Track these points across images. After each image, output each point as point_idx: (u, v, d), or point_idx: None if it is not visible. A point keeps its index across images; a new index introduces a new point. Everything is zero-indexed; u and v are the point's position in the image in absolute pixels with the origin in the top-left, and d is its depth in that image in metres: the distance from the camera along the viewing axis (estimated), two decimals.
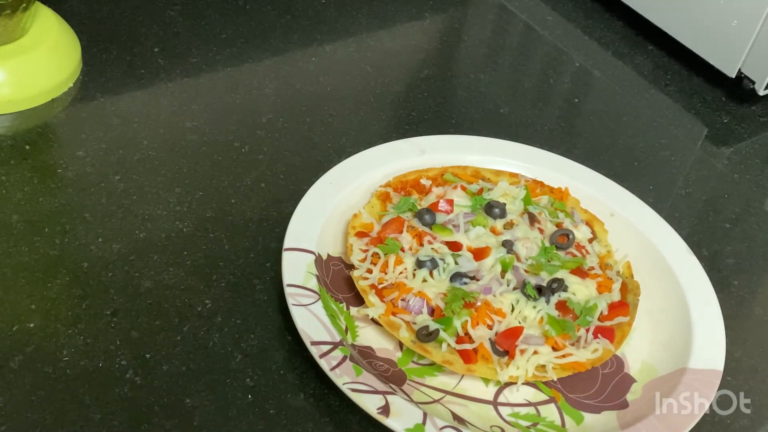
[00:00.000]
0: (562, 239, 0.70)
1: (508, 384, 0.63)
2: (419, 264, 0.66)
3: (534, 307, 0.64)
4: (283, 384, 0.61)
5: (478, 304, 0.64)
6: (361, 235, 0.69)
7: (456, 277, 0.65)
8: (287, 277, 0.64)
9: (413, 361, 0.64)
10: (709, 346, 0.66)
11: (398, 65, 0.93)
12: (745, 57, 0.91)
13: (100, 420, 0.57)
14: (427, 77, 0.92)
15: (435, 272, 0.66)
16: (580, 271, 0.68)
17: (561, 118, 0.93)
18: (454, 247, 0.68)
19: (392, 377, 0.62)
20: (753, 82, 0.92)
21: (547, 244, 0.69)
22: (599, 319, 0.65)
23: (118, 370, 0.60)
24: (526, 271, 0.67)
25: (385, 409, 0.57)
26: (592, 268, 0.69)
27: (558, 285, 0.66)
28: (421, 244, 0.67)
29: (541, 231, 0.70)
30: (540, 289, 0.65)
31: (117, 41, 0.87)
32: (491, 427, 0.60)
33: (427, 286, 0.65)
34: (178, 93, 0.83)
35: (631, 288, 0.69)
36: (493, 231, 0.70)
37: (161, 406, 0.58)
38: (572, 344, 0.63)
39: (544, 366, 0.62)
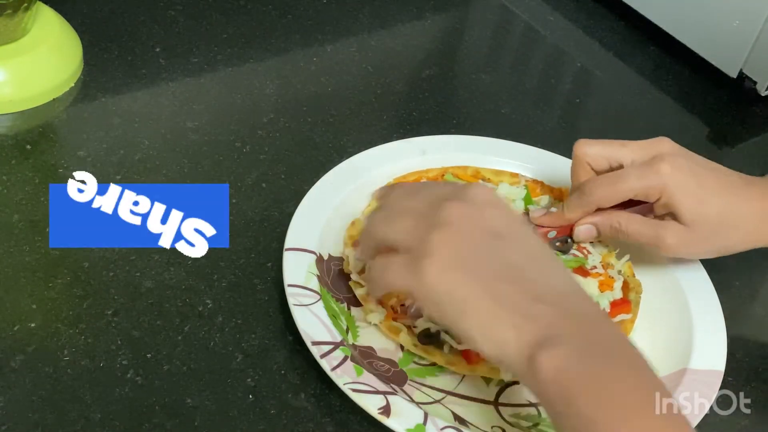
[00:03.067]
0: (561, 244, 0.70)
1: (509, 384, 0.63)
2: None
3: None
4: (284, 384, 0.61)
5: None
6: (358, 244, 0.69)
7: None
8: (288, 277, 0.64)
9: (414, 362, 0.64)
10: (710, 347, 0.66)
11: (399, 65, 0.93)
12: (747, 57, 0.91)
13: (100, 420, 0.57)
14: (429, 77, 0.92)
15: None
16: (581, 271, 0.68)
17: (562, 119, 0.93)
18: None
19: (393, 377, 0.62)
20: (754, 83, 0.92)
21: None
22: None
23: (119, 369, 0.60)
24: None
25: (386, 410, 0.57)
26: (594, 267, 0.69)
27: None
28: None
29: None
30: None
31: (118, 41, 0.87)
32: (492, 427, 0.60)
33: None
34: (179, 93, 0.83)
35: (632, 286, 0.69)
36: None
37: (162, 406, 0.58)
38: None
39: None
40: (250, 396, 0.60)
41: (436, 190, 0.57)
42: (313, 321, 0.61)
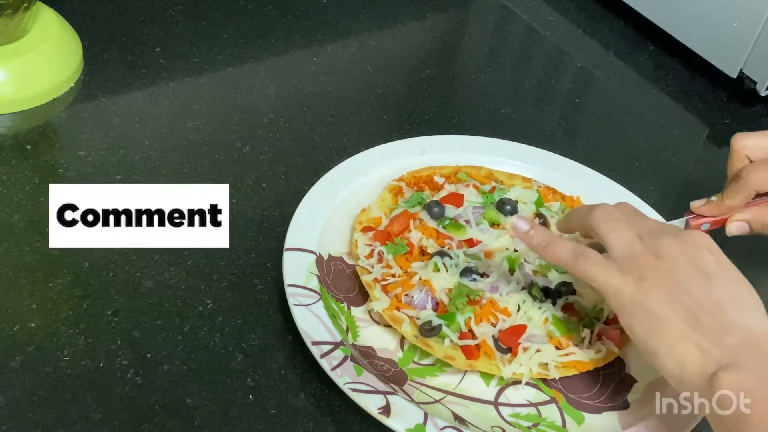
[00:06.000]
0: None
1: (510, 384, 0.63)
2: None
3: (539, 308, 0.64)
4: (284, 384, 0.61)
5: (483, 302, 0.64)
6: (367, 230, 0.69)
7: (466, 272, 0.65)
8: (288, 277, 0.64)
9: (414, 361, 0.64)
10: None
11: (399, 65, 0.93)
12: (747, 57, 0.91)
13: (100, 420, 0.57)
14: (429, 77, 0.92)
15: (447, 264, 0.66)
16: None
17: (562, 119, 0.93)
18: (470, 243, 0.68)
19: (393, 377, 0.62)
20: (754, 83, 0.92)
21: None
22: (606, 323, 0.65)
23: (119, 369, 0.60)
24: (534, 271, 0.67)
25: (386, 409, 0.57)
26: None
27: (566, 288, 0.66)
28: (442, 245, 0.67)
29: None
30: (547, 292, 0.65)
31: (118, 41, 0.87)
32: (492, 427, 0.60)
33: (437, 277, 0.65)
34: (179, 93, 0.83)
35: None
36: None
37: (162, 405, 0.58)
38: (576, 345, 0.63)
39: (546, 364, 0.62)
40: (250, 396, 0.60)
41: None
42: (313, 321, 0.61)
